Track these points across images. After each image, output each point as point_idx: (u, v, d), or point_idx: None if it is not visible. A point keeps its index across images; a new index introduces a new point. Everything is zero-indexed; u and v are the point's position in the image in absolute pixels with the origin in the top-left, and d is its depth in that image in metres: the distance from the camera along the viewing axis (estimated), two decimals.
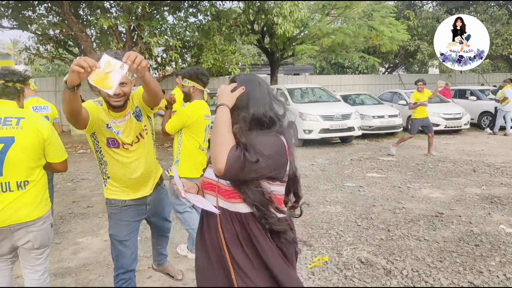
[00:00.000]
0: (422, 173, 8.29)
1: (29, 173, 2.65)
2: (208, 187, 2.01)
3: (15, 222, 2.61)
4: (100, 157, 2.86)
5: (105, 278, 3.96)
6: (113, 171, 2.86)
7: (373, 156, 10.32)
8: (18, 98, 2.80)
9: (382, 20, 16.23)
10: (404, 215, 5.69)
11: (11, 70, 2.79)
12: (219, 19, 14.29)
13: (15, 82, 2.74)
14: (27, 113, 2.75)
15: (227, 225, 1.92)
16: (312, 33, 16.41)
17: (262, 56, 24.23)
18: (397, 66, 28.90)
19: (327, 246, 4.66)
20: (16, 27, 15.02)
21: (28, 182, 2.65)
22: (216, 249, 1.94)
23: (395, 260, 4.26)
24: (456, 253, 4.42)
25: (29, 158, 2.64)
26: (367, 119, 13.50)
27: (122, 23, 13.05)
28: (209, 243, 1.97)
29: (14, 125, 2.61)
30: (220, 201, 1.94)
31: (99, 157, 2.87)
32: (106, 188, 2.95)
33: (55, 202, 6.68)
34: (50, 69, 38.14)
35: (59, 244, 4.89)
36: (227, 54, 13.99)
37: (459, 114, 14.40)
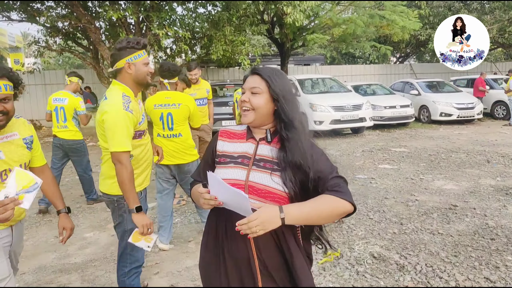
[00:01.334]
0: (435, 164, 8.14)
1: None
2: None
3: None
4: None
5: (111, 275, 3.90)
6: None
7: (385, 147, 10.17)
8: None
9: (393, 8, 15.98)
10: (417, 208, 5.57)
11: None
12: (229, 10, 14.16)
13: None
14: None
15: None
16: (323, 23, 16.22)
17: (272, 46, 24.06)
18: (409, 56, 28.58)
19: (338, 241, 4.57)
20: (25, 20, 15.01)
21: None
22: (240, 252, 1.78)
23: (408, 255, 4.15)
24: (471, 247, 4.31)
25: None
26: (379, 110, 13.35)
27: (131, 14, 12.97)
28: (231, 246, 1.80)
29: None
30: (252, 201, 1.72)
31: None
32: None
33: (63, 196, 6.65)
34: (60, 61, 38.30)
35: None
36: (236, 45, 13.87)
37: (472, 104, 14.18)
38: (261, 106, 1.83)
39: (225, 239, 1.81)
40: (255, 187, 1.78)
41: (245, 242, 1.76)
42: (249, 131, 1.93)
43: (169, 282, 3.79)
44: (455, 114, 13.97)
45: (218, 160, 1.92)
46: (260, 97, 1.83)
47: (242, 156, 1.86)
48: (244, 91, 1.88)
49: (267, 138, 1.87)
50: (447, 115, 14.09)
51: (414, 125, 14.22)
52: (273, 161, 1.81)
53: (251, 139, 1.90)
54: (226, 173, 1.84)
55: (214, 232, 1.87)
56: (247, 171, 1.81)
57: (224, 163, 1.88)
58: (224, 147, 1.92)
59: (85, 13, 13.84)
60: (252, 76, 1.88)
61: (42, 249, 4.59)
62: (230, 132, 1.98)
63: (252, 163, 1.83)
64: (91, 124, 5.41)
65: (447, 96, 14.80)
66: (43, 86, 17.39)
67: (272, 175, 1.78)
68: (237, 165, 1.84)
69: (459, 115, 13.99)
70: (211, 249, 1.88)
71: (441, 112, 14.13)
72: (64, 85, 6.20)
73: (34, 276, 3.94)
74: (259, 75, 1.86)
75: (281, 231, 1.76)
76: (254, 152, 1.86)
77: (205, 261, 1.93)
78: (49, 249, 4.57)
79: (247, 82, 1.87)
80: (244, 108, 1.84)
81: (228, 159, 1.88)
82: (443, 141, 10.80)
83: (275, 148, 1.84)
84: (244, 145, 1.90)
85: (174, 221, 5.28)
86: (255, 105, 1.82)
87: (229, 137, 1.95)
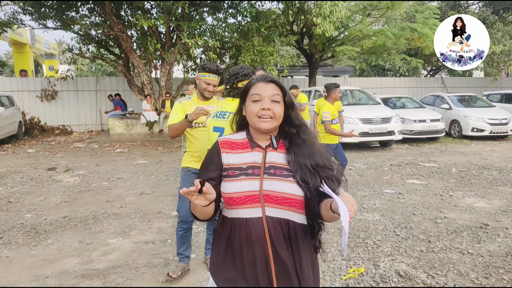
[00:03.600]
0: (465, 180, 7.91)
1: None
2: (248, 201, 1.80)
3: None
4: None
5: (132, 282, 3.89)
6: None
7: (413, 162, 9.97)
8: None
9: (425, 21, 15.76)
10: (446, 226, 5.40)
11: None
12: (258, 20, 14.24)
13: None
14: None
15: (276, 233, 1.79)
16: (353, 35, 16.12)
17: (301, 57, 24.03)
18: (440, 69, 28.08)
19: (363, 257, 4.45)
20: (59, 28, 15.44)
21: None
22: (257, 254, 1.78)
23: (436, 274, 4.01)
24: (503, 269, 4.13)
25: None
26: (408, 123, 13.11)
27: (162, 23, 13.16)
28: (248, 250, 1.80)
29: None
30: (268, 209, 1.79)
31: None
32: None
33: (90, 201, 6.74)
34: (93, 68, 39.16)
35: (90, 244, 4.87)
36: (265, 55, 13.90)
37: (505, 119, 13.79)
38: (281, 115, 1.85)
39: (242, 243, 1.80)
40: (271, 195, 1.78)
41: (263, 244, 1.77)
42: (251, 139, 1.91)
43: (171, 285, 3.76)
44: (487, 129, 13.60)
45: (225, 174, 1.87)
46: (279, 106, 1.84)
47: (252, 166, 1.84)
48: (260, 98, 1.84)
49: (273, 144, 1.87)
50: (479, 130, 13.73)
51: (445, 140, 13.91)
52: (283, 167, 1.83)
53: (256, 148, 1.88)
54: (238, 186, 1.81)
55: (227, 238, 1.86)
56: (260, 181, 1.80)
57: (233, 176, 1.84)
58: (230, 160, 1.88)
59: (117, 21, 14.13)
60: (267, 84, 1.86)
61: (66, 253, 4.62)
62: (231, 142, 1.93)
63: (263, 172, 1.82)
64: (121, 131, 5.44)
65: (479, 111, 14.44)
66: (75, 92, 17.77)
67: (285, 181, 1.79)
68: (248, 176, 1.82)
69: (491, 131, 13.61)
70: (224, 253, 1.87)
71: (472, 127, 13.78)
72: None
73: (57, 280, 3.96)
74: (274, 83, 1.87)
75: (294, 231, 1.81)
76: (263, 160, 1.85)
77: (219, 266, 1.90)
78: (73, 254, 4.60)
79: (262, 89, 1.85)
80: (266, 116, 1.82)
81: (237, 172, 1.84)
82: (474, 157, 10.51)
83: (283, 153, 1.86)
84: (250, 154, 1.87)
85: (197, 230, 5.26)
86: (277, 113, 1.83)
87: (231, 147, 1.91)
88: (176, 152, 11.90)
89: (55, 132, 16.97)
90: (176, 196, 6.95)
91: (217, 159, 1.90)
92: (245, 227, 1.79)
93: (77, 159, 10.81)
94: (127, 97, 17.45)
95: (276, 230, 1.78)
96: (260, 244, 1.77)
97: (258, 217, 1.78)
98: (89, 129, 17.84)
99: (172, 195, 7.06)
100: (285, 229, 1.80)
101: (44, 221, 5.75)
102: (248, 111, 1.86)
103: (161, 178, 8.44)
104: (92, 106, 17.96)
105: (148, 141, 14.28)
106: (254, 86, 1.87)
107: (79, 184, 7.95)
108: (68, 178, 8.38)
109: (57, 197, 7.01)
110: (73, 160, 10.58)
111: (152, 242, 4.92)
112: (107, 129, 16.73)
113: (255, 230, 1.78)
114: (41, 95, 17.36)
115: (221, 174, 1.88)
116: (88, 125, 17.95)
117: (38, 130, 16.48)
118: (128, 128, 15.02)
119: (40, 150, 12.44)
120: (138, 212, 6.10)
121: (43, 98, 17.37)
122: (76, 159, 10.80)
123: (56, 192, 7.35)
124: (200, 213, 1.84)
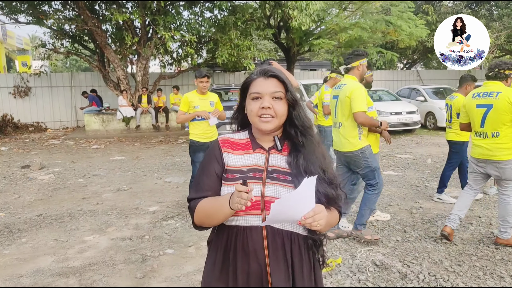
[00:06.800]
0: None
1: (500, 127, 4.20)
2: (247, 207, 1.53)
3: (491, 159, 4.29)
4: None
5: (109, 279, 3.85)
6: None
7: (390, 154, 10.09)
8: (506, 80, 4.34)
9: (400, 14, 15.90)
10: (421, 215, 5.50)
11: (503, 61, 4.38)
12: (235, 14, 14.17)
13: (504, 70, 4.31)
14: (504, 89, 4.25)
15: (274, 244, 1.64)
16: (329, 28, 16.17)
17: (279, 51, 24.03)
18: (416, 62, 28.43)
19: (340, 248, 4.50)
20: (32, 22, 15.08)
21: (498, 133, 4.22)
22: (253, 266, 1.64)
23: (411, 263, 4.07)
24: (476, 256, 4.22)
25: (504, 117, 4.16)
26: (384, 116, 13.25)
27: (137, 18, 13.01)
28: (243, 261, 1.66)
29: (494, 97, 4.22)
30: (269, 216, 1.56)
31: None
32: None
33: (65, 199, 6.64)
34: (67, 64, 38.52)
35: (65, 242, 4.81)
36: (242, 49, 13.86)
37: None
38: (284, 113, 1.69)
39: (238, 254, 1.66)
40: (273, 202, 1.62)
41: (258, 256, 1.63)
42: (253, 140, 1.76)
43: (170, 285, 3.74)
44: None
45: (225, 176, 1.72)
46: (282, 103, 1.68)
47: (253, 169, 1.69)
48: (259, 96, 1.67)
49: (277, 146, 1.73)
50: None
51: (420, 132, 14.11)
52: (287, 171, 1.68)
53: (259, 149, 1.74)
54: None
55: (224, 248, 1.71)
56: (262, 186, 1.65)
57: (233, 180, 1.69)
58: (230, 161, 1.73)
59: (91, 16, 13.91)
60: (268, 79, 1.69)
61: (41, 252, 4.55)
62: (232, 142, 1.78)
63: (265, 176, 1.67)
64: (96, 127, 5.37)
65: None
66: (49, 88, 17.43)
67: (289, 187, 1.65)
68: (249, 180, 1.62)
69: None
70: (219, 264, 1.72)
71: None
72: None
73: (31, 279, 3.90)
74: (276, 78, 1.69)
75: (297, 244, 1.68)
76: (265, 163, 1.70)
77: (211, 277, 1.75)
78: (48, 252, 4.53)
79: (262, 86, 1.68)
80: (266, 115, 1.66)
81: (237, 175, 1.69)
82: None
83: (286, 156, 1.72)
84: (252, 156, 1.73)
85: (175, 225, 5.23)
86: (279, 112, 1.67)
87: (232, 147, 1.76)
88: (154, 147, 11.80)
89: (29, 129, 16.62)
90: (153, 192, 6.91)
91: (219, 157, 1.75)
92: (242, 236, 1.65)
93: (52, 156, 10.63)
94: (103, 93, 17.17)
95: (276, 241, 1.64)
96: (256, 257, 1.63)
97: (258, 225, 1.63)
98: (64, 126, 17.52)
99: (149, 190, 7.01)
100: (286, 241, 1.66)
101: (18, 219, 5.65)
102: (248, 110, 1.70)
103: (138, 174, 8.36)
104: (67, 102, 17.63)
105: (124, 137, 14.11)
106: (254, 82, 1.71)
107: (54, 181, 7.83)
108: (43, 175, 8.24)
109: (32, 195, 6.89)
110: (48, 158, 10.40)
111: (129, 239, 4.87)
112: (82, 125, 16.48)
113: (253, 240, 1.64)
114: (14, 91, 16.95)
115: (222, 176, 1.74)
116: (63, 122, 17.63)
117: (11, 128, 16.10)
118: (104, 124, 14.81)
119: (13, 148, 12.19)
120: (115, 209, 6.04)
121: (16, 95, 16.96)
122: (51, 156, 10.62)
123: (30, 190, 7.22)
124: (221, 219, 1.67)
